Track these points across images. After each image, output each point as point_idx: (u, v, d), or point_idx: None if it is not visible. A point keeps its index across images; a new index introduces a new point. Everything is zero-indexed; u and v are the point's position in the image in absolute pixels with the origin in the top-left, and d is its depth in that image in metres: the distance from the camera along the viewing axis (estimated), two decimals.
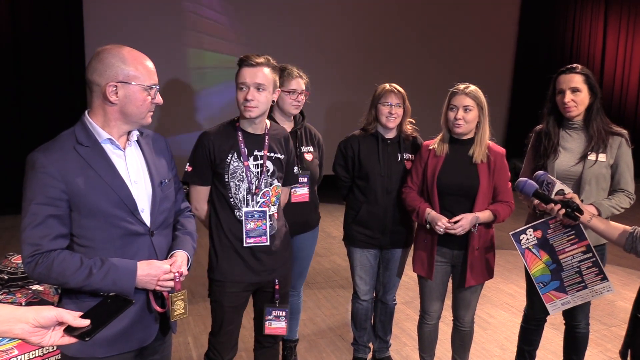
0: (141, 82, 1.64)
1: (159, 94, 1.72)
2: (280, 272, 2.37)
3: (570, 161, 2.51)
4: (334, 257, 5.24)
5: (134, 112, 1.66)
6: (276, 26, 7.39)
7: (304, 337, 3.51)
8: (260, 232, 2.25)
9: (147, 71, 1.66)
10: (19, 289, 2.58)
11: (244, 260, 2.27)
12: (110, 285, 1.59)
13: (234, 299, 2.31)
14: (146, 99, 1.67)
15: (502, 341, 3.57)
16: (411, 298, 4.21)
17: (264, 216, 2.25)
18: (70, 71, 6.47)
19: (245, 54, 2.22)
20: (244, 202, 2.24)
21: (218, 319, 2.34)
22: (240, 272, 2.28)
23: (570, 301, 2.37)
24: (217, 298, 2.32)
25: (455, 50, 8.46)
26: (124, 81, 1.62)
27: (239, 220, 2.25)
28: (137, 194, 1.69)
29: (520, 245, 2.40)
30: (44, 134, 2.79)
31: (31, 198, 1.55)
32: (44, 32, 6.46)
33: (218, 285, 2.30)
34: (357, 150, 2.85)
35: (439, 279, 2.67)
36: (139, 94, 1.64)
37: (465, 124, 2.50)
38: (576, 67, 2.52)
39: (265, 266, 2.30)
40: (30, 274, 1.57)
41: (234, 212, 2.25)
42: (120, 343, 1.70)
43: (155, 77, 1.70)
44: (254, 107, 2.17)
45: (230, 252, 2.27)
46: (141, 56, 1.68)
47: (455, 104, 2.51)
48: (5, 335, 1.16)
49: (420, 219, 2.58)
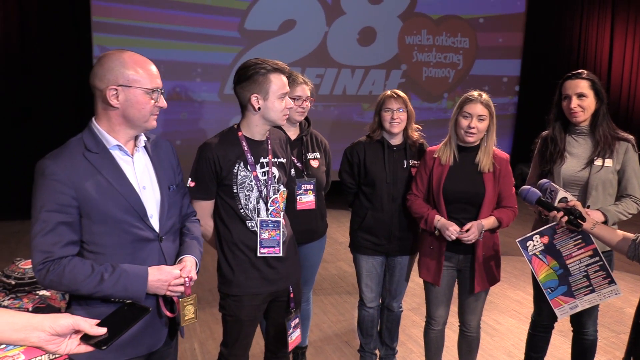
0: (142, 85, 1.64)
1: (163, 97, 1.72)
2: (293, 279, 2.33)
3: (577, 167, 2.51)
4: (340, 263, 5.23)
5: (136, 116, 1.65)
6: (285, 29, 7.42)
7: (310, 343, 3.50)
8: (274, 243, 2.19)
9: (148, 74, 1.66)
10: (26, 294, 2.59)
11: (259, 271, 2.20)
12: (121, 291, 1.59)
13: (253, 312, 2.24)
14: (148, 102, 1.66)
15: (510, 348, 3.55)
16: (418, 305, 4.19)
17: (278, 226, 2.19)
18: (78, 77, 6.52)
19: (262, 59, 2.13)
20: (255, 212, 2.18)
21: (234, 332, 2.26)
22: (258, 284, 2.21)
23: (579, 305, 2.36)
24: (233, 312, 2.23)
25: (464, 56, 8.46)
26: (125, 85, 1.62)
27: (251, 231, 2.18)
28: (145, 200, 1.70)
29: (527, 252, 2.39)
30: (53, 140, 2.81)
31: (41, 205, 1.56)
32: (52, 39, 6.52)
33: (235, 300, 2.22)
34: (362, 157, 2.85)
35: (445, 283, 2.66)
36: (140, 97, 1.64)
37: (477, 133, 2.50)
38: (582, 73, 2.52)
39: (280, 274, 2.24)
40: (41, 281, 1.57)
41: (245, 223, 2.18)
42: (130, 348, 1.70)
43: (158, 81, 1.69)
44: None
45: (246, 265, 2.19)
46: (143, 60, 1.68)
47: (469, 112, 2.49)
48: (22, 342, 1.15)
49: (429, 226, 2.58)
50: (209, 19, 7.07)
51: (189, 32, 6.99)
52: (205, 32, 7.07)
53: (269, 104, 2.11)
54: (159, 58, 5.95)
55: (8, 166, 6.50)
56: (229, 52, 7.21)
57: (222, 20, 7.14)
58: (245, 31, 7.27)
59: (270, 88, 2.10)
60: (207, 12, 7.05)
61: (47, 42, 6.52)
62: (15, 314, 1.16)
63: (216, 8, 7.09)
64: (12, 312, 1.17)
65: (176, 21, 6.92)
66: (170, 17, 6.89)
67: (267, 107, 2.12)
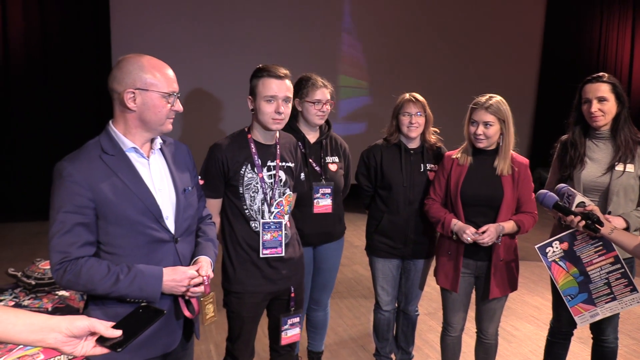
0: (159, 89, 1.66)
1: (179, 101, 1.73)
2: (295, 279, 2.38)
3: (597, 172, 2.47)
4: (357, 267, 5.22)
5: (152, 119, 1.67)
6: (297, 33, 7.44)
7: (326, 347, 3.49)
8: (276, 244, 2.25)
9: (165, 78, 1.68)
10: (46, 294, 2.62)
11: (261, 271, 2.27)
12: (137, 291, 1.61)
13: (253, 309, 2.31)
14: (164, 106, 1.68)
15: (528, 355, 3.50)
16: (434, 309, 4.16)
17: (280, 227, 2.26)
18: (97, 81, 6.61)
19: (263, 65, 2.21)
20: (259, 213, 2.24)
21: (236, 327, 2.34)
22: (259, 283, 2.28)
23: (599, 313, 2.33)
24: (235, 309, 2.31)
25: (481, 58, 8.41)
26: (142, 88, 1.64)
27: (255, 232, 2.24)
28: (161, 202, 1.71)
29: (546, 259, 2.36)
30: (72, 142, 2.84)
31: (59, 206, 1.58)
32: (72, 43, 6.64)
33: (236, 296, 2.30)
34: (379, 160, 2.84)
35: (463, 290, 2.64)
36: (157, 101, 1.66)
37: (486, 139, 2.48)
38: (603, 76, 2.48)
39: (281, 274, 2.30)
40: (58, 281, 1.59)
41: (249, 223, 2.25)
42: (145, 349, 1.72)
43: (175, 85, 1.71)
44: (282, 120, 2.20)
45: (247, 264, 2.26)
46: (160, 64, 1.70)
47: (475, 119, 2.49)
48: (38, 344, 1.16)
49: (446, 230, 2.56)
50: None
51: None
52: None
53: (257, 106, 2.19)
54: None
55: (29, 168, 6.62)
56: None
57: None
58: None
59: (257, 90, 2.19)
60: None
61: (67, 45, 6.63)
62: (33, 315, 1.18)
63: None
64: (29, 314, 1.18)
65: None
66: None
67: (257, 110, 2.20)
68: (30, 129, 6.62)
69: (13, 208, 6.70)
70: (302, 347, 3.24)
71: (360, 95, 8.00)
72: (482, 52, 8.43)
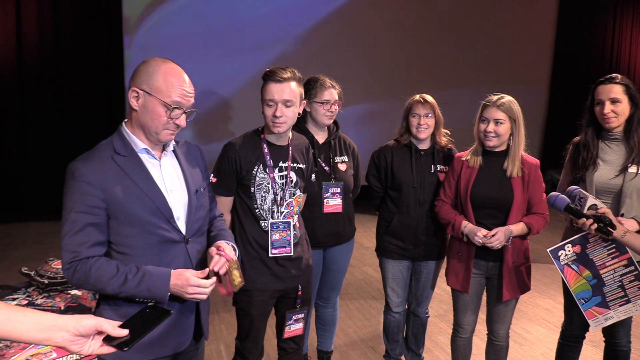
0: (162, 97, 1.63)
1: (184, 117, 1.69)
2: (303, 278, 2.40)
3: (610, 174, 2.45)
4: (367, 268, 5.21)
5: (148, 124, 1.66)
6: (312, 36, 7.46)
7: (335, 348, 3.49)
8: (285, 243, 2.28)
9: (174, 89, 1.64)
10: (58, 293, 2.65)
11: (269, 269, 2.29)
12: (144, 291, 1.62)
13: (261, 307, 2.34)
14: (163, 115, 1.64)
15: (539, 357, 3.47)
16: (444, 311, 4.14)
17: (289, 227, 2.28)
18: (109, 82, 6.65)
19: (270, 68, 2.22)
20: (269, 213, 2.26)
21: (245, 325, 2.36)
22: (267, 281, 2.30)
23: (614, 316, 2.31)
24: (243, 307, 2.34)
25: (492, 59, 8.37)
26: (147, 91, 1.64)
27: (264, 231, 2.26)
28: (173, 202, 1.72)
29: (559, 262, 2.34)
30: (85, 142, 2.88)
31: (71, 206, 1.59)
32: (84, 44, 6.70)
33: (245, 294, 2.31)
34: (390, 161, 2.84)
35: (474, 291, 2.62)
36: (156, 107, 1.64)
37: (496, 137, 2.47)
38: (616, 77, 2.46)
39: (289, 273, 2.33)
40: (69, 279, 1.61)
41: (259, 222, 2.27)
42: (155, 348, 1.73)
43: (184, 99, 1.66)
44: (283, 123, 2.19)
45: (257, 262, 2.28)
46: (177, 74, 1.67)
47: (486, 117, 2.48)
48: (46, 342, 1.17)
49: (456, 232, 2.55)
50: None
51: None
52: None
53: (263, 108, 2.22)
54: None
55: (42, 168, 6.69)
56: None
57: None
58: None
59: (262, 93, 2.22)
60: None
61: (80, 45, 6.70)
62: (41, 314, 1.19)
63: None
64: (38, 312, 1.19)
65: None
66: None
67: (263, 112, 2.23)
68: (44, 130, 6.70)
69: (26, 208, 6.78)
70: (312, 347, 3.24)
71: (369, 99, 7.98)
72: (494, 53, 8.38)
